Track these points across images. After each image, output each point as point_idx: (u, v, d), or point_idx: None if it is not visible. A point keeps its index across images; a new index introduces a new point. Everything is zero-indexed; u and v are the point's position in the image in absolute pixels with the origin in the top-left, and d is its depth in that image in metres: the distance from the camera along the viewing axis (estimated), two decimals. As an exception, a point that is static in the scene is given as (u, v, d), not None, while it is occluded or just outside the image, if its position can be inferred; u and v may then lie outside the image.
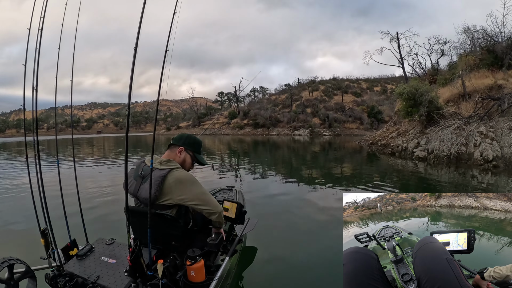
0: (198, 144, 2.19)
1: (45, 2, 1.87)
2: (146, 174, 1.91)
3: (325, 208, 5.17)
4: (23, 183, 7.48)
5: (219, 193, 3.64)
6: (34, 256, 1.93)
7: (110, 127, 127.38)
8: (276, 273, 2.88)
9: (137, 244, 1.59)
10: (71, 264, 1.88)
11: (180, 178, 1.91)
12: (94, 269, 1.82)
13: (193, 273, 1.77)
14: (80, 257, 1.93)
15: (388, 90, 63.90)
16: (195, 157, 2.18)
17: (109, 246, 2.09)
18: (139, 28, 1.53)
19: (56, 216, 2.08)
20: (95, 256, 1.96)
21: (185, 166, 2.11)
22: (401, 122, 18.08)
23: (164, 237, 1.98)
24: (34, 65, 1.88)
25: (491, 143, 10.12)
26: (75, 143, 22.94)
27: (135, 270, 1.64)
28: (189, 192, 1.91)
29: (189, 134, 2.20)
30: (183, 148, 2.10)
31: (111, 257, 1.94)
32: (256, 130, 54.32)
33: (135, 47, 1.53)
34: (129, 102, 1.67)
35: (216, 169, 9.65)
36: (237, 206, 2.51)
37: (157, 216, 1.87)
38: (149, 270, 1.68)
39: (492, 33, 15.29)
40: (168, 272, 1.77)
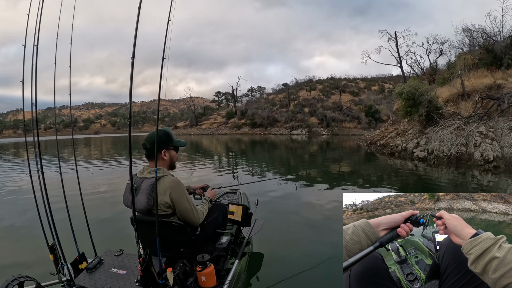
0: (168, 134, 2.12)
1: (41, 3, 1.87)
2: (138, 186, 1.95)
3: (324, 208, 5.20)
4: (24, 185, 7.34)
5: (223, 196, 3.59)
6: (44, 272, 1.94)
7: (107, 127, 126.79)
8: (284, 275, 2.84)
9: (147, 254, 1.60)
10: (81, 278, 1.89)
11: (168, 185, 1.92)
12: (105, 281, 1.83)
13: (204, 278, 1.78)
14: (90, 270, 1.95)
15: (386, 89, 64.03)
16: (176, 147, 2.17)
17: (118, 257, 2.10)
18: (135, 37, 1.53)
19: (63, 230, 2.07)
20: (105, 268, 1.97)
21: (174, 162, 2.15)
22: (399, 122, 18.02)
23: (172, 244, 1.99)
24: (32, 66, 1.87)
25: (491, 143, 10.06)
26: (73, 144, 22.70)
27: (147, 279, 1.65)
28: (176, 202, 1.93)
29: (153, 133, 1.98)
30: (164, 149, 2.06)
31: (121, 268, 1.96)
32: (254, 130, 54.27)
33: (132, 57, 1.53)
34: (130, 114, 1.68)
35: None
36: (242, 209, 2.50)
37: (164, 224, 1.87)
38: (160, 278, 1.67)
39: (491, 33, 15.27)
40: (179, 279, 1.78)
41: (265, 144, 26.50)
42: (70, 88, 2.36)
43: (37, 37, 1.91)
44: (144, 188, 1.91)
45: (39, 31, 1.90)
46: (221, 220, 2.44)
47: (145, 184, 1.92)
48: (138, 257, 1.64)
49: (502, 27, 15.12)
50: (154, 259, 1.70)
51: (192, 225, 2.00)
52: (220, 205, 2.53)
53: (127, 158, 2.08)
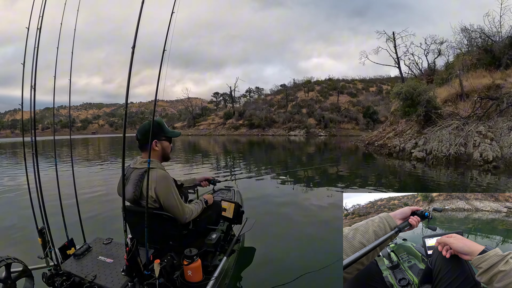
0: (160, 124, 2.10)
1: (44, 3, 1.91)
2: (128, 176, 1.98)
3: (322, 208, 5.13)
4: (20, 183, 7.41)
5: (217, 193, 3.58)
6: (31, 255, 1.94)
7: (105, 127, 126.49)
8: (273, 274, 2.82)
9: (134, 244, 1.59)
10: (68, 264, 1.88)
11: (154, 180, 1.89)
12: (91, 268, 1.82)
13: (190, 272, 1.79)
14: (77, 256, 1.94)
15: (384, 90, 64.16)
16: (169, 138, 2.16)
17: (107, 245, 2.09)
18: (137, 28, 1.56)
19: (54, 215, 2.06)
20: (92, 256, 1.96)
21: (167, 153, 2.14)
22: (397, 122, 17.92)
23: (161, 236, 1.99)
24: (32, 66, 1.88)
25: (490, 143, 9.94)
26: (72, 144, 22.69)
27: (132, 269, 1.63)
28: (162, 197, 1.91)
29: (145, 123, 2.07)
30: (156, 140, 2.04)
31: (108, 256, 1.94)
32: (252, 131, 54.21)
33: (133, 47, 1.56)
34: (126, 112, 1.70)
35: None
36: (235, 206, 2.51)
37: (154, 215, 1.87)
38: (146, 269, 1.66)
39: (490, 33, 15.23)
40: (165, 272, 1.76)
41: (262, 145, 26.34)
42: (70, 88, 2.40)
43: (38, 37, 1.91)
44: (132, 178, 1.94)
45: (40, 31, 1.92)
46: (214, 218, 2.46)
47: (134, 175, 1.95)
48: (125, 246, 1.61)
49: (501, 27, 15.11)
50: (142, 250, 1.70)
51: (178, 221, 1.98)
52: (216, 204, 2.52)
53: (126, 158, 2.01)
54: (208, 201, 2.36)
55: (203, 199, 2.34)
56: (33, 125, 1.93)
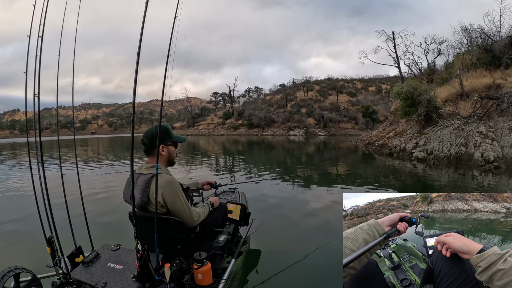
0: (167, 129, 2.11)
1: (46, 5, 1.88)
2: (135, 181, 1.94)
3: (322, 209, 5.12)
4: (25, 186, 7.24)
5: (221, 195, 3.59)
6: (40, 265, 1.95)
7: (104, 128, 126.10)
8: (280, 275, 2.83)
9: (145, 249, 1.60)
10: (77, 271, 1.87)
11: (161, 185, 1.89)
12: (101, 275, 1.81)
13: (201, 276, 1.79)
14: (86, 264, 1.93)
15: (383, 90, 64.15)
16: (175, 142, 2.18)
17: (115, 252, 2.08)
18: (141, 34, 1.56)
19: (61, 222, 2.06)
20: (101, 263, 1.95)
21: (172, 158, 2.15)
22: (397, 122, 17.89)
23: (169, 241, 2.00)
24: (34, 75, 1.88)
25: (491, 143, 9.91)
26: (70, 145, 22.95)
27: (144, 275, 1.64)
28: (169, 202, 1.91)
29: (151, 128, 2.07)
30: (162, 145, 2.05)
31: (118, 263, 1.93)
32: (251, 131, 54.10)
33: (138, 52, 1.57)
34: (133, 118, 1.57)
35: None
36: (241, 208, 2.51)
37: (162, 220, 1.86)
38: (156, 274, 1.68)
39: (489, 32, 15.21)
40: (175, 276, 1.78)
41: (262, 145, 26.30)
42: (73, 89, 2.38)
43: (41, 42, 1.89)
44: (139, 184, 1.92)
45: (43, 37, 1.89)
46: (220, 221, 2.46)
47: (141, 180, 1.93)
48: (136, 252, 1.62)
49: (501, 27, 15.09)
50: (151, 255, 1.70)
51: (186, 225, 1.99)
52: (221, 206, 2.52)
53: (125, 159, 1.98)
54: (214, 204, 2.36)
55: (209, 201, 2.34)
56: (39, 132, 1.91)
